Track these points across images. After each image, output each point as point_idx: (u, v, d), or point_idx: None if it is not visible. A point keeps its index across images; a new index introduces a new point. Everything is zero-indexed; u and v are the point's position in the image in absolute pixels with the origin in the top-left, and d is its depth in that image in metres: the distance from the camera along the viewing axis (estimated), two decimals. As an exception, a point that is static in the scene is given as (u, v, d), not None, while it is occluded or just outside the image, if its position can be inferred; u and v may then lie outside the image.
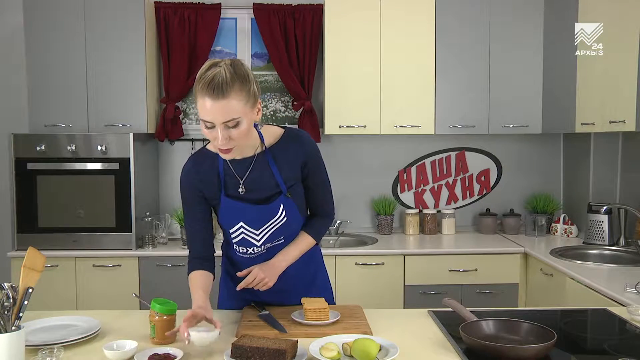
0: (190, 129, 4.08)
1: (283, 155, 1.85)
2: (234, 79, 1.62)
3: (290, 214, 1.88)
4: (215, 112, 1.61)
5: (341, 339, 1.64)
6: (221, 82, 1.59)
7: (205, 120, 1.64)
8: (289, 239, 1.95)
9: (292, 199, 1.87)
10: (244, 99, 1.64)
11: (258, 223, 1.87)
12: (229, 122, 1.64)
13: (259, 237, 1.89)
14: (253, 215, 1.85)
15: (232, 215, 1.86)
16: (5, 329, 1.47)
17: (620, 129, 2.95)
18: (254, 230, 1.88)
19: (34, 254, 1.61)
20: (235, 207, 1.85)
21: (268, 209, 1.85)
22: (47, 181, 3.46)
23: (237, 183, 1.84)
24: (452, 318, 1.86)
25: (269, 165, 1.84)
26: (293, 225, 1.93)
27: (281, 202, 1.85)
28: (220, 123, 1.63)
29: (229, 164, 1.84)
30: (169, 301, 1.74)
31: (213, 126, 1.65)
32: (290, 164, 1.85)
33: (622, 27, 2.96)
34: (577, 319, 2.10)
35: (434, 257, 3.50)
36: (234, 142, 1.68)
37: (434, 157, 4.14)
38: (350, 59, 3.71)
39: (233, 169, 1.84)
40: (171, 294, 2.28)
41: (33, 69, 3.58)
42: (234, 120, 1.64)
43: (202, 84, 1.61)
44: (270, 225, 1.88)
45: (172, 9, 3.86)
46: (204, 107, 1.62)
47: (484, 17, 3.72)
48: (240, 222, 1.87)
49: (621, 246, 3.39)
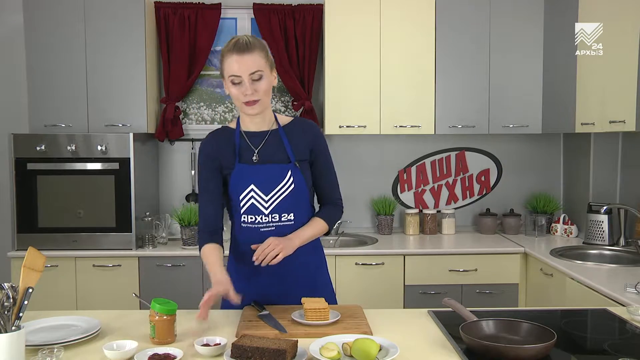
0: (190, 129, 4.08)
1: (294, 134, 2.03)
2: (255, 41, 1.91)
3: (297, 183, 1.98)
4: (242, 65, 1.86)
5: (341, 339, 1.63)
6: (245, 42, 1.88)
7: (234, 75, 1.87)
8: (298, 218, 2.00)
9: (299, 169, 1.99)
10: (264, 57, 1.91)
11: (267, 186, 1.97)
12: (254, 74, 1.87)
13: (267, 203, 1.98)
14: (263, 177, 1.97)
15: (244, 178, 1.98)
16: (5, 329, 1.47)
17: (620, 129, 2.95)
18: (263, 195, 1.97)
19: (34, 254, 1.61)
20: (247, 170, 1.98)
21: (277, 168, 1.98)
22: (47, 181, 3.46)
23: (252, 153, 2.00)
24: (452, 318, 1.86)
25: (281, 139, 2.02)
26: (300, 199, 2.00)
27: (289, 169, 1.99)
28: (247, 75, 1.87)
29: (244, 137, 2.01)
30: (169, 301, 1.74)
31: (240, 82, 1.88)
32: (299, 143, 2.02)
33: (622, 27, 2.96)
34: (577, 319, 2.10)
35: (434, 257, 3.50)
36: (258, 95, 1.90)
37: (434, 157, 4.14)
38: (350, 59, 3.71)
39: (248, 141, 2.01)
40: (171, 294, 2.28)
41: (33, 69, 3.59)
42: (258, 72, 1.88)
43: (228, 47, 1.89)
44: (278, 191, 1.97)
45: (172, 9, 3.86)
46: (231, 64, 1.87)
47: (484, 17, 3.72)
48: (251, 185, 1.97)
49: (621, 246, 3.39)
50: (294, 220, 2.00)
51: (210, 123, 4.11)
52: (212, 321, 1.91)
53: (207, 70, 4.07)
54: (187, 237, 3.52)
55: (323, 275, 2.16)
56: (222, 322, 1.91)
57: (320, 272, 2.15)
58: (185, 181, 4.08)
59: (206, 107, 4.11)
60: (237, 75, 1.87)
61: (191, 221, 3.51)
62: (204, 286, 3.47)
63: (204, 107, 4.11)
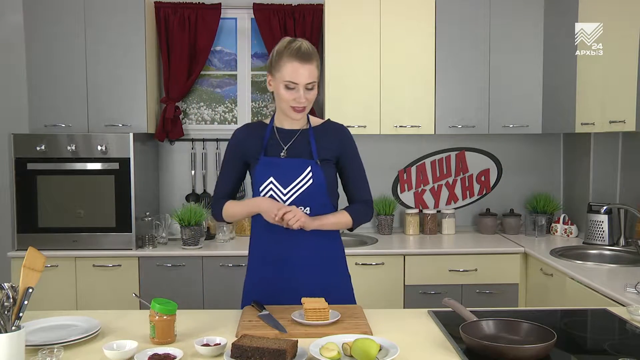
0: (190, 129, 4.08)
1: (322, 135, 2.12)
2: (314, 51, 2.02)
3: (315, 179, 2.04)
4: (303, 74, 1.97)
5: (341, 339, 1.63)
6: (307, 50, 1.98)
7: (292, 82, 1.97)
8: (314, 211, 2.05)
9: (320, 167, 2.05)
10: (317, 69, 2.04)
11: (286, 179, 2.04)
12: (309, 84, 1.99)
13: (285, 197, 2.04)
14: (284, 170, 2.04)
15: (265, 170, 2.06)
16: (5, 329, 1.47)
17: (620, 129, 2.95)
18: (282, 187, 2.04)
19: (34, 254, 1.61)
20: (269, 163, 2.06)
21: (297, 163, 2.05)
22: (47, 181, 3.46)
23: (281, 148, 2.08)
24: (452, 318, 1.87)
25: (309, 138, 2.09)
26: (318, 195, 2.05)
27: (310, 164, 2.05)
28: (304, 84, 1.98)
29: (275, 133, 2.11)
30: (169, 301, 1.74)
31: (294, 88, 1.97)
32: (327, 144, 2.10)
33: (622, 27, 2.96)
34: (577, 319, 2.10)
35: (434, 257, 3.50)
36: (307, 103, 2.01)
37: (434, 157, 4.14)
38: (350, 59, 3.71)
39: (279, 137, 2.10)
40: (171, 294, 2.29)
41: (33, 69, 3.58)
42: (313, 83, 2.01)
43: (291, 51, 1.97)
44: (296, 186, 2.03)
45: (172, 9, 3.86)
46: (292, 71, 1.96)
47: (484, 17, 3.72)
48: (271, 177, 2.04)
49: (621, 246, 3.39)
50: (310, 214, 2.05)
51: (210, 123, 4.12)
52: (212, 321, 1.92)
53: (207, 70, 4.07)
54: (187, 237, 3.52)
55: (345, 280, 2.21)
56: (222, 322, 1.91)
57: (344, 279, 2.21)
58: (185, 181, 4.08)
59: (206, 107, 4.11)
60: (295, 82, 1.97)
61: (191, 221, 3.51)
62: (204, 286, 3.47)
63: (204, 107, 4.11)
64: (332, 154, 2.10)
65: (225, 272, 3.47)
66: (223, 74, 4.12)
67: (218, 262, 3.48)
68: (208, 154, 4.08)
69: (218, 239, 3.76)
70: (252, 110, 4.14)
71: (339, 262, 2.20)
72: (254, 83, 4.13)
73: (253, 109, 4.14)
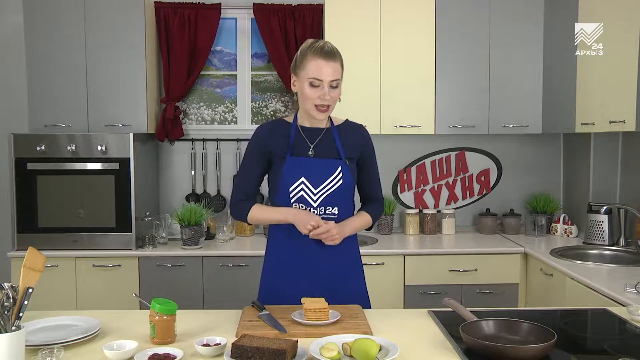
0: (190, 129, 4.08)
1: (346, 134, 2.15)
2: (337, 51, 2.05)
3: (345, 179, 2.07)
4: (327, 71, 1.99)
5: (341, 339, 1.64)
6: (331, 49, 2.02)
7: (316, 78, 1.99)
8: (341, 213, 2.09)
9: (348, 167, 2.09)
10: (341, 68, 2.05)
11: (317, 179, 2.06)
12: (334, 82, 2.01)
13: (315, 197, 2.06)
14: (314, 171, 2.06)
15: (296, 170, 2.06)
16: (5, 329, 1.47)
17: (620, 129, 2.95)
18: (313, 188, 2.05)
19: (34, 254, 1.61)
20: (300, 163, 2.07)
21: (329, 164, 2.07)
22: (47, 181, 3.46)
23: (307, 147, 2.09)
24: (452, 318, 1.87)
25: (334, 137, 2.12)
26: (346, 195, 2.10)
27: (340, 165, 2.08)
28: (328, 81, 1.99)
29: (300, 131, 2.11)
30: (169, 301, 1.74)
31: (319, 85, 1.99)
32: (350, 142, 2.13)
33: (622, 27, 2.96)
34: (577, 319, 2.10)
35: (434, 257, 3.50)
36: (331, 101, 2.02)
37: (434, 157, 4.14)
38: (350, 59, 3.65)
39: (304, 135, 2.10)
40: (171, 294, 2.28)
41: (33, 69, 3.58)
42: (337, 80, 2.02)
43: (315, 49, 2.00)
44: (327, 186, 2.06)
45: (172, 9, 3.86)
46: (317, 68, 1.99)
47: (484, 17, 3.72)
48: (302, 178, 2.05)
49: (621, 246, 3.39)
50: (338, 214, 2.09)
51: (210, 123, 4.12)
52: (212, 321, 1.92)
53: (207, 70, 4.07)
54: (187, 237, 3.52)
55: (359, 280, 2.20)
56: (222, 322, 1.91)
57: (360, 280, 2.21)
58: (185, 181, 4.08)
59: (206, 107, 4.11)
60: (319, 79, 1.99)
61: (191, 221, 3.51)
62: (204, 286, 3.47)
63: (204, 107, 4.11)
64: (355, 153, 2.14)
65: (225, 272, 3.47)
66: (223, 74, 4.12)
67: (218, 262, 3.48)
68: (208, 154, 4.08)
69: (218, 239, 3.76)
70: (252, 110, 4.14)
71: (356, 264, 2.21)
72: (254, 83, 4.13)
73: (253, 109, 4.14)
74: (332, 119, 2.17)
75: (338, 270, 2.12)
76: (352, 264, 2.18)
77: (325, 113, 2.05)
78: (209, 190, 4.07)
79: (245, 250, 3.58)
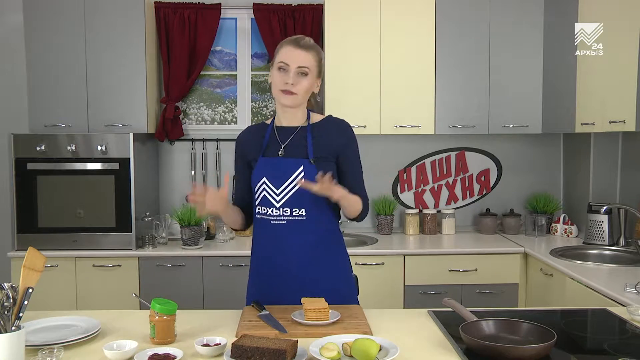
0: (190, 129, 4.08)
1: (321, 133, 2.07)
2: (314, 45, 2.04)
3: (309, 179, 1.94)
4: (295, 57, 1.97)
5: (341, 339, 1.63)
6: (305, 40, 2.02)
7: (283, 62, 1.97)
8: (310, 215, 2.00)
9: (315, 167, 1.99)
10: (316, 62, 2.02)
11: (278, 179, 2.01)
12: (301, 69, 1.97)
13: (278, 197, 2.01)
14: (277, 170, 2.02)
15: (260, 171, 2.04)
16: (5, 329, 1.47)
17: (620, 129, 2.95)
18: (274, 188, 2.01)
19: (34, 254, 1.61)
20: (265, 163, 2.05)
21: (288, 163, 2.01)
22: (47, 181, 3.46)
23: (278, 147, 2.06)
24: (452, 318, 1.86)
25: (306, 136, 2.06)
26: (312, 196, 1.94)
27: (302, 164, 2.00)
28: (295, 66, 1.96)
29: (275, 133, 2.08)
30: (169, 301, 1.74)
31: (286, 70, 1.97)
32: (324, 141, 2.05)
33: (622, 27, 2.96)
34: (577, 319, 2.10)
35: (434, 257, 3.50)
36: (296, 89, 1.97)
37: (434, 157, 4.14)
38: (350, 59, 3.71)
39: (277, 135, 2.07)
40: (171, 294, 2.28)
41: (33, 69, 3.58)
42: (305, 68, 1.98)
43: (289, 39, 2.02)
44: (289, 186, 2.00)
45: (172, 9, 3.86)
46: (285, 52, 1.98)
47: (484, 17, 3.72)
48: (264, 178, 2.02)
49: (621, 246, 3.39)
50: (306, 216, 2.00)
51: (210, 123, 4.12)
52: (212, 321, 1.92)
53: (207, 70, 4.07)
54: (187, 237, 3.52)
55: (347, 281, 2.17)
56: (222, 322, 1.91)
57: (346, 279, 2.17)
58: (185, 181, 4.08)
59: (206, 107, 4.11)
60: (286, 63, 1.97)
61: (191, 221, 3.51)
62: (204, 286, 3.47)
63: (204, 107, 4.11)
64: (330, 152, 2.04)
65: (225, 272, 3.47)
66: (223, 74, 4.12)
67: (218, 262, 3.48)
68: (208, 154, 4.08)
69: (218, 239, 3.76)
70: (252, 110, 4.14)
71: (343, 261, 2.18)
72: (254, 83, 4.13)
73: (253, 109, 4.14)
74: (311, 117, 2.10)
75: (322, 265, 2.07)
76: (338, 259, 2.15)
77: (290, 98, 1.98)
78: (209, 190, 4.07)
79: (245, 250, 3.58)
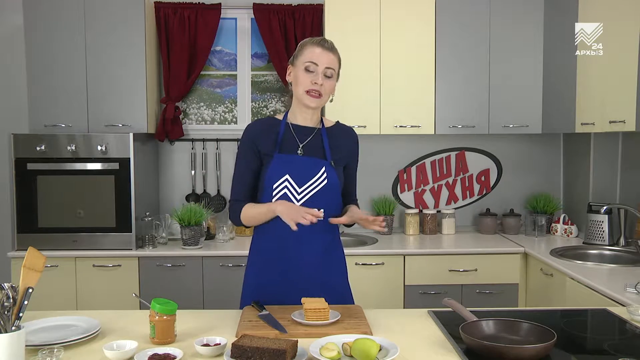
0: (190, 129, 4.08)
1: (335, 137, 2.15)
2: (336, 49, 2.08)
3: (330, 179, 2.05)
4: (323, 57, 2.01)
5: (341, 339, 1.64)
6: (329, 42, 2.05)
7: (312, 62, 2.01)
8: (326, 215, 2.03)
9: (334, 169, 2.08)
10: (339, 64, 2.08)
11: (302, 178, 2.04)
12: (328, 70, 2.02)
13: (299, 195, 2.04)
14: (300, 169, 2.04)
15: (281, 168, 2.04)
16: (5, 329, 1.47)
17: (620, 129, 2.95)
18: (297, 186, 2.04)
19: (34, 254, 1.61)
20: (286, 160, 2.06)
21: (314, 163, 2.06)
22: (47, 181, 3.46)
23: (296, 145, 2.09)
24: (452, 318, 1.87)
25: (322, 138, 2.11)
26: (331, 197, 2.07)
27: (325, 165, 2.07)
28: (323, 67, 2.01)
29: (290, 129, 2.11)
30: (169, 301, 1.74)
31: (314, 70, 2.01)
32: (338, 146, 2.13)
33: (622, 27, 2.96)
34: (577, 319, 2.10)
35: (434, 257, 3.50)
36: (323, 90, 2.02)
37: (434, 157, 4.14)
38: (350, 58, 3.68)
39: (294, 133, 2.10)
40: (171, 294, 2.28)
41: (33, 69, 3.58)
42: (332, 70, 2.03)
43: (314, 40, 2.05)
44: (311, 185, 2.04)
45: (172, 9, 3.86)
46: (313, 53, 2.01)
47: (484, 17, 3.72)
48: (287, 175, 2.04)
49: (621, 246, 3.39)
50: (323, 216, 2.01)
51: (210, 123, 4.12)
52: (212, 321, 1.92)
53: (207, 70, 4.07)
54: (187, 237, 3.52)
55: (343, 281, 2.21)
56: (222, 322, 1.91)
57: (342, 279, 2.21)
58: (185, 181, 4.08)
59: (206, 107, 4.11)
60: (315, 63, 2.00)
61: (191, 221, 3.51)
62: (204, 286, 3.47)
63: (204, 107, 4.11)
64: (342, 157, 2.14)
65: (225, 272, 3.47)
66: (223, 74, 4.12)
67: (218, 262, 3.48)
68: (208, 154, 4.08)
69: (218, 239, 3.76)
70: (252, 110, 4.14)
71: (339, 261, 2.20)
72: (254, 83, 4.13)
73: (253, 109, 4.14)
74: (324, 121, 2.16)
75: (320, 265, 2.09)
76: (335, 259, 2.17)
77: (316, 100, 2.02)
78: (209, 190, 4.08)
79: (245, 250, 3.54)
